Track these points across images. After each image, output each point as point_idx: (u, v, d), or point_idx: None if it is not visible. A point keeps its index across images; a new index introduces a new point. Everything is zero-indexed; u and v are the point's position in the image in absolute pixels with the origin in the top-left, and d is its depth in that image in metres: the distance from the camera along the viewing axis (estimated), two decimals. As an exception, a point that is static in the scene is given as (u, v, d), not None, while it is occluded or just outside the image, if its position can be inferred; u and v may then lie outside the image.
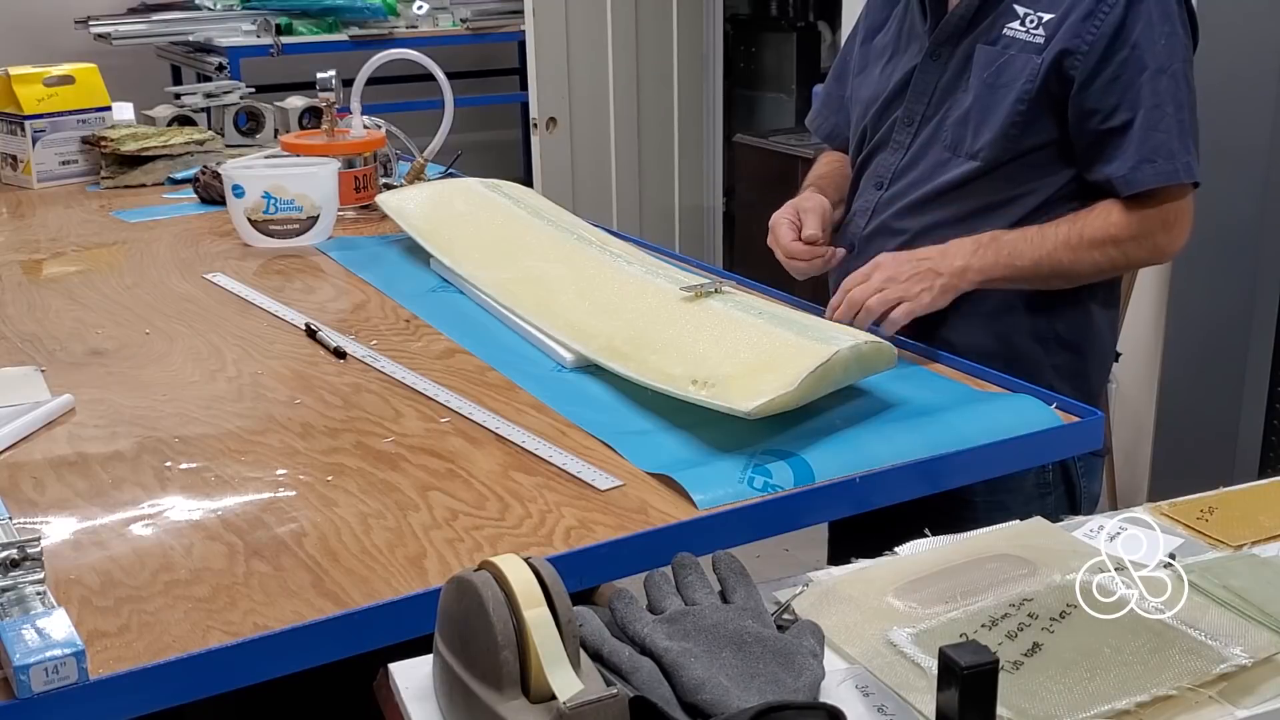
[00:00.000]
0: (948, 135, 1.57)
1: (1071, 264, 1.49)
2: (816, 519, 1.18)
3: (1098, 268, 1.51)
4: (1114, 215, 1.50)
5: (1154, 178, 1.47)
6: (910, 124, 1.62)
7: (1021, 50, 1.50)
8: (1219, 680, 0.84)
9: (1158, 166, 1.47)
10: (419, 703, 0.85)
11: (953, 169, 1.55)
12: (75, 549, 1.05)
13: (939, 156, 1.57)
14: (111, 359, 1.50)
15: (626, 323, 1.41)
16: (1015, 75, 1.50)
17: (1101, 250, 1.50)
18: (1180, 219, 1.52)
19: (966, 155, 1.54)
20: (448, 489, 1.14)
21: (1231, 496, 1.12)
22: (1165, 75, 1.47)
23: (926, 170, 1.59)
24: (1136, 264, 1.59)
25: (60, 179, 2.47)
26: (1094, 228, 1.49)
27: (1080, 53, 1.47)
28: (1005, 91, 1.51)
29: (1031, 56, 1.49)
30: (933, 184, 1.57)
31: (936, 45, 1.59)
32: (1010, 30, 1.51)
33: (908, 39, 1.64)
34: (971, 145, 1.54)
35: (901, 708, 0.83)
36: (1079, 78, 1.48)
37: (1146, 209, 1.49)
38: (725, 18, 4.39)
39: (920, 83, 1.60)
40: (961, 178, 1.54)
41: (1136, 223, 1.49)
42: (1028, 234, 1.50)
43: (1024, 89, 1.49)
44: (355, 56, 3.63)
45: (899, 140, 1.63)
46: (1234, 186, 2.44)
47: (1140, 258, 1.55)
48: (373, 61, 2.16)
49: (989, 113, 1.52)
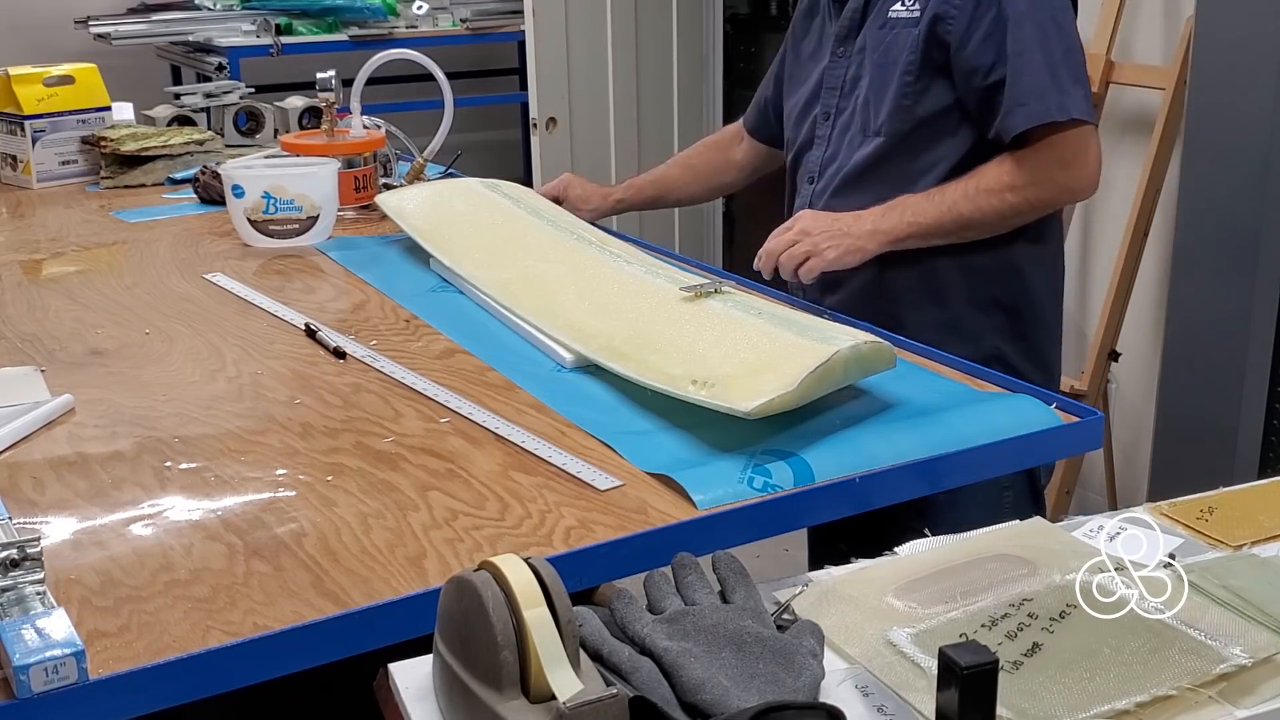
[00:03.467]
0: (857, 119, 1.68)
1: (973, 213, 1.58)
2: (816, 519, 1.18)
3: (1000, 215, 1.60)
4: (1006, 164, 1.59)
5: (1025, 120, 1.56)
6: (827, 118, 1.74)
7: (904, 27, 1.62)
8: (1219, 680, 0.84)
9: (1029, 109, 1.55)
10: (419, 703, 0.85)
11: (864, 149, 1.67)
12: (75, 549, 1.05)
13: (855, 141, 1.69)
14: (111, 359, 1.50)
15: (626, 323, 1.41)
16: (900, 51, 1.62)
17: (999, 196, 1.58)
18: (1078, 156, 1.58)
19: (873, 133, 1.66)
20: (448, 489, 1.14)
21: (1231, 496, 1.12)
22: (1029, 23, 1.56)
23: (844, 156, 1.70)
24: (1046, 205, 1.63)
25: (60, 179, 2.47)
26: (989, 178, 1.59)
27: (950, 17, 1.58)
28: (893, 68, 1.63)
29: (910, 30, 1.61)
30: (850, 167, 1.68)
31: (839, 40, 1.71)
32: (894, 12, 1.64)
33: (822, 41, 1.76)
34: (875, 123, 1.65)
35: (901, 708, 0.83)
36: (953, 42, 1.58)
37: (1037, 152, 1.57)
38: (725, 18, 4.39)
39: (830, 77, 1.73)
40: (873, 155, 1.66)
41: (1030, 167, 1.57)
42: (930, 194, 1.61)
43: (908, 61, 1.61)
44: (355, 56, 3.63)
45: (820, 135, 1.75)
46: (1234, 186, 2.44)
47: (1047, 199, 1.61)
48: (373, 61, 2.16)
49: (883, 90, 1.64)
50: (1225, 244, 2.50)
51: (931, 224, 1.59)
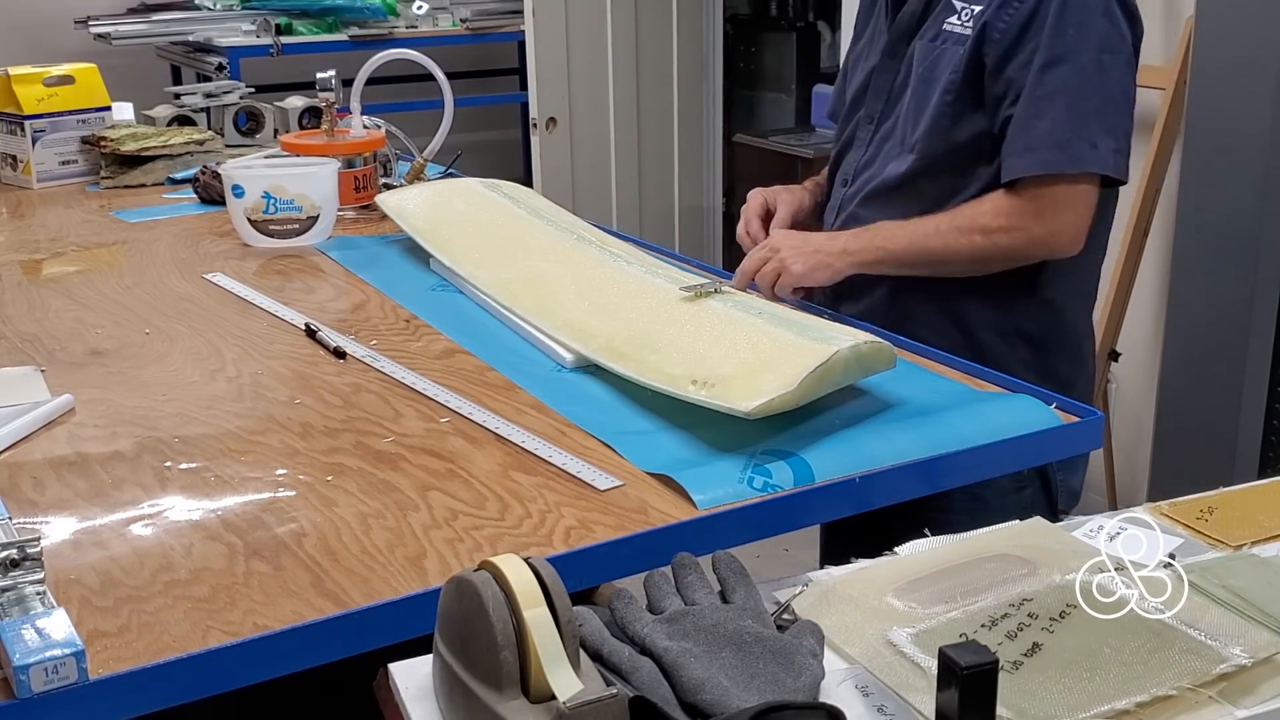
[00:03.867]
0: (900, 131, 1.61)
1: (941, 250, 1.51)
2: (816, 519, 1.18)
3: (970, 256, 1.51)
4: (989, 204, 1.50)
5: (1023, 167, 1.47)
6: (870, 122, 1.66)
7: (953, 43, 1.54)
8: (1219, 680, 0.84)
9: (1036, 155, 1.46)
10: (419, 703, 0.85)
11: (900, 163, 1.59)
12: (75, 549, 1.05)
13: (892, 152, 1.62)
14: (111, 359, 1.50)
15: (626, 323, 1.41)
16: (944, 68, 1.53)
17: (968, 238, 1.50)
18: (1061, 210, 1.47)
19: (908, 149, 1.58)
20: (448, 489, 1.14)
21: (1231, 496, 1.12)
22: (1065, 65, 1.45)
23: (881, 166, 1.63)
24: (1016, 254, 1.52)
25: (60, 179, 2.47)
26: (965, 216, 1.51)
27: (993, 40, 1.49)
28: (935, 85, 1.54)
29: (958, 48, 1.52)
30: (882, 178, 1.61)
31: (892, 43, 1.63)
32: (948, 25, 1.55)
33: (875, 39, 1.69)
34: (910, 139, 1.57)
35: (901, 708, 0.83)
36: (990, 64, 1.50)
37: (1021, 199, 1.48)
38: (725, 18, 4.39)
39: (879, 82, 1.65)
40: (905, 172, 1.58)
41: (1007, 212, 1.49)
42: (910, 222, 1.53)
43: (949, 80, 1.52)
44: (355, 56, 3.63)
45: (861, 138, 1.68)
46: (1234, 186, 2.44)
47: (1017, 248, 1.50)
48: (373, 61, 2.16)
49: (922, 106, 1.56)
50: (1225, 244, 2.50)
51: (900, 252, 1.52)
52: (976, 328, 1.59)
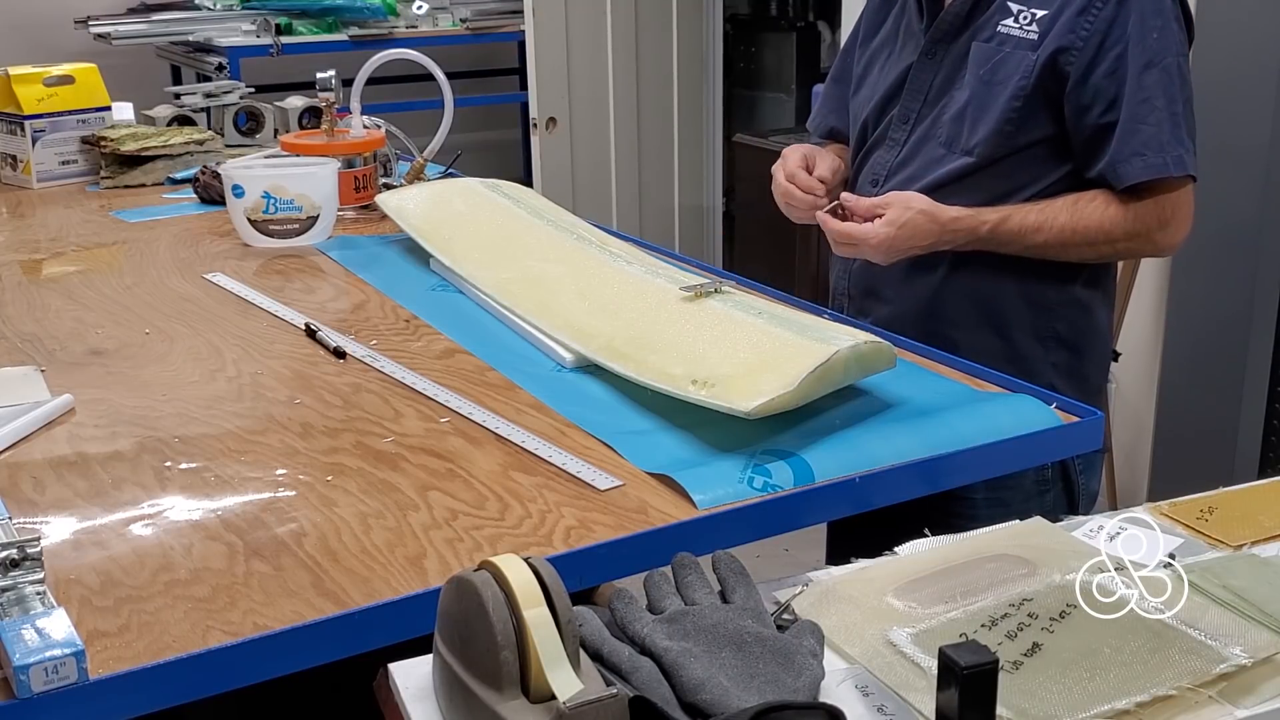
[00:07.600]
0: (943, 132, 1.58)
1: (1062, 255, 1.54)
2: (816, 519, 1.18)
3: (1090, 260, 1.56)
4: (1110, 210, 1.51)
5: (1143, 171, 1.48)
6: (906, 121, 1.64)
7: (1016, 47, 1.52)
8: (1219, 680, 0.84)
9: (1147, 160, 1.48)
10: (419, 703, 0.85)
11: (947, 164, 1.57)
12: (75, 549, 1.05)
13: (934, 153, 1.59)
14: (111, 359, 1.50)
15: (626, 323, 1.41)
16: (1011, 72, 1.52)
17: (1094, 248, 1.53)
18: (1177, 214, 1.52)
19: (962, 151, 1.56)
20: (448, 489, 1.14)
21: (1231, 496, 1.12)
22: (1156, 69, 1.47)
23: (921, 166, 1.60)
24: (1131, 257, 1.61)
25: (60, 179, 2.47)
26: (1089, 223, 1.51)
27: (1075, 49, 1.49)
28: (1001, 88, 1.53)
29: (1026, 53, 1.51)
30: (927, 179, 1.58)
31: (933, 43, 1.60)
32: (1005, 27, 1.53)
33: (905, 38, 1.66)
34: (967, 141, 1.55)
35: (901, 708, 0.83)
36: (1074, 74, 1.49)
37: (1142, 205, 1.51)
38: (725, 18, 4.40)
39: (916, 80, 1.62)
40: (956, 173, 1.56)
41: (1131, 219, 1.51)
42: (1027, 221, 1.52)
43: (1019, 85, 1.51)
44: (355, 56, 3.63)
45: (894, 138, 1.65)
46: (1234, 186, 2.44)
47: (1135, 252, 1.59)
48: (373, 61, 2.16)
49: (985, 109, 1.54)
50: (1225, 244, 2.50)
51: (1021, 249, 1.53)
52: (1014, 330, 1.59)
